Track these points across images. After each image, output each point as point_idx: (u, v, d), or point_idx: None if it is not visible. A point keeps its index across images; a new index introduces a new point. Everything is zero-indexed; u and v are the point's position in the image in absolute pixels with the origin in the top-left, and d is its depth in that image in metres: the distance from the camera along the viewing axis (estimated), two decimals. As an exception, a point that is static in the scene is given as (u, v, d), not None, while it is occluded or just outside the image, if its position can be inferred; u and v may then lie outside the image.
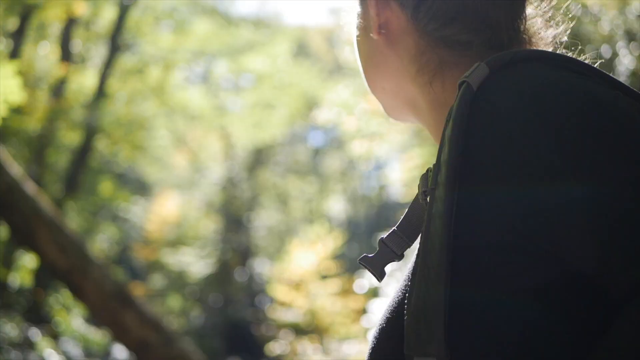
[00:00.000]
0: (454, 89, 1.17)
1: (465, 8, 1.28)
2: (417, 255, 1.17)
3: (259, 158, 31.37)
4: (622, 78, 10.54)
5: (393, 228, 1.29)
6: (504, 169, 1.06)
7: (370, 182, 33.71)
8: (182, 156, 30.13)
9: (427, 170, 1.20)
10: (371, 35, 1.38)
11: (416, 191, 1.26)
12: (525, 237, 1.08)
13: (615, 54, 10.89)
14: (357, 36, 1.44)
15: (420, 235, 1.19)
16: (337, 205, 35.30)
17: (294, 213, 34.48)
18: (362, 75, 1.47)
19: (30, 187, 8.38)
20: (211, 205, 31.04)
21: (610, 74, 1.20)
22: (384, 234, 1.30)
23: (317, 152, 35.71)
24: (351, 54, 11.71)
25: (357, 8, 1.44)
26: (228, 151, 29.94)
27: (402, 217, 1.30)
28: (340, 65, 21.05)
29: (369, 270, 1.30)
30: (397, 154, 16.34)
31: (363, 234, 31.66)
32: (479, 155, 1.09)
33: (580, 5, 12.24)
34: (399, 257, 1.30)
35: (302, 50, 30.41)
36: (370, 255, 1.29)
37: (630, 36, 10.94)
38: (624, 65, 10.64)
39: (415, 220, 1.28)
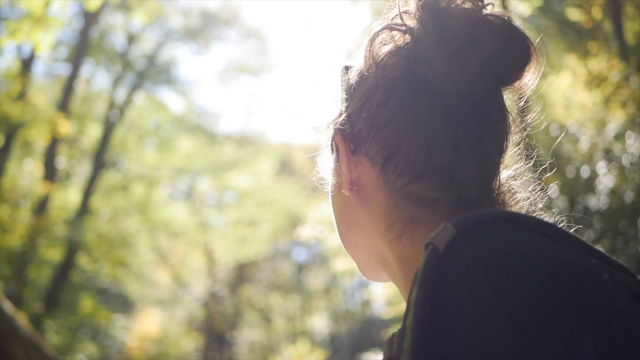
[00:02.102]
0: (423, 248, 1.12)
1: (433, 164, 1.26)
2: None
3: (241, 274, 31.19)
4: (602, 197, 10.65)
5: None
6: (465, 349, 1.00)
7: (354, 298, 33.49)
8: (165, 272, 29.88)
9: (392, 335, 1.17)
10: (343, 191, 1.37)
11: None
12: None
13: (594, 174, 11.02)
14: (331, 192, 1.43)
15: None
16: (320, 322, 34.94)
17: (277, 330, 34.07)
18: (336, 231, 1.45)
19: (8, 306, 8.27)
20: (193, 322, 30.64)
21: (586, 241, 1.15)
22: None
23: (300, 268, 35.54)
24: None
25: (330, 164, 1.43)
26: (211, 267, 29.76)
27: None
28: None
29: None
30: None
31: (346, 350, 31.26)
32: (443, 326, 1.03)
33: (559, 126, 12.46)
34: None
35: (285, 167, 30.61)
36: None
37: (609, 155, 11.09)
38: (604, 184, 10.76)
39: None
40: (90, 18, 19.16)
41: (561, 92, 13.74)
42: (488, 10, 1.29)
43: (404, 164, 1.27)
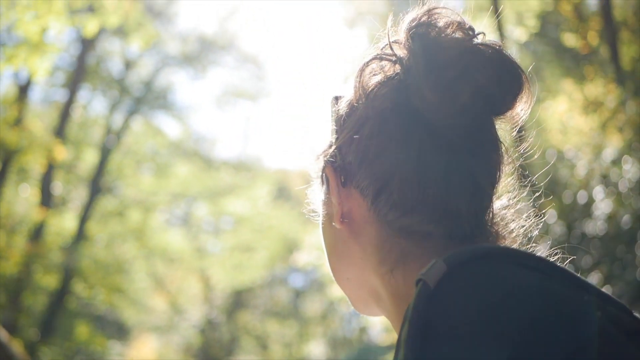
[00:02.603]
0: (415, 283, 1.11)
1: (425, 198, 1.24)
2: None
3: (238, 301, 31.10)
4: (599, 222, 10.64)
5: None
6: None
7: (351, 324, 33.39)
8: (161, 299, 29.81)
9: None
10: (334, 224, 1.34)
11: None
12: None
13: (592, 199, 11.01)
14: (322, 224, 1.40)
15: None
16: (317, 348, 34.81)
17: (274, 356, 33.93)
18: (327, 264, 1.42)
19: (3, 334, 8.23)
20: (190, 349, 30.54)
21: (579, 276, 1.14)
22: None
23: (297, 295, 35.47)
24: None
25: (321, 196, 1.41)
26: (207, 294, 29.69)
27: None
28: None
29: None
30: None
31: (344, 377, 31.14)
32: None
33: (555, 151, 12.47)
34: None
35: (282, 193, 30.62)
36: None
37: (606, 181, 11.09)
38: (601, 209, 10.75)
39: None
40: (87, 44, 19.22)
41: (558, 118, 13.77)
42: (479, 39, 1.28)
43: (396, 197, 1.26)
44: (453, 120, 1.21)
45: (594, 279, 9.78)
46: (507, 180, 1.36)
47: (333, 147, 1.34)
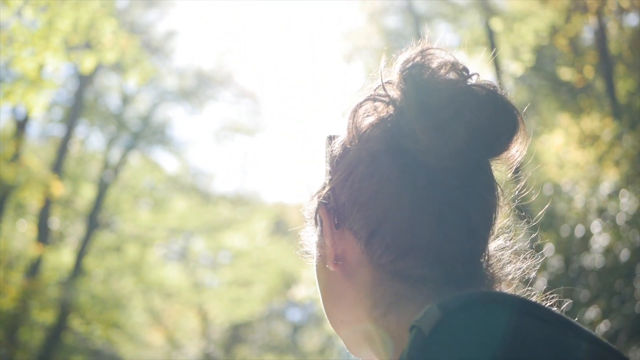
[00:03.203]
0: (409, 327, 1.10)
1: (419, 241, 1.22)
2: None
3: (236, 335, 30.96)
4: (597, 256, 10.62)
5: None
6: None
7: (349, 358, 33.19)
8: (159, 334, 29.66)
9: None
10: (328, 266, 1.33)
11: None
12: None
13: (589, 233, 11.00)
14: (316, 266, 1.39)
15: None
16: (315, 383, 34.61)
17: (273, 391, 33.74)
18: (322, 306, 1.41)
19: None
20: (187, 384, 30.35)
21: (577, 323, 1.14)
22: None
23: (295, 329, 35.31)
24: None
25: (314, 237, 1.39)
26: (205, 328, 29.54)
27: None
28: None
29: None
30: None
31: (342, 413, 30.93)
32: None
33: (552, 185, 12.48)
34: None
35: (280, 227, 30.58)
36: None
37: (603, 214, 11.09)
38: (599, 243, 10.74)
39: None
40: (85, 79, 19.29)
41: (554, 151, 13.80)
42: (473, 80, 1.27)
43: (389, 240, 1.24)
44: (447, 163, 1.20)
45: (592, 312, 9.75)
46: (503, 222, 1.34)
47: (326, 189, 1.33)
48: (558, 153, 13.60)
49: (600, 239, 10.72)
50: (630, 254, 10.04)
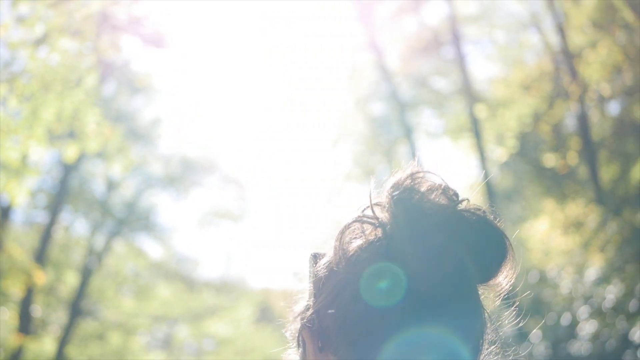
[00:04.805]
0: None
1: None
2: None
3: None
4: (584, 343, 10.56)
5: None
6: None
7: None
8: None
9: None
10: None
11: None
12: None
13: (575, 320, 10.96)
14: None
15: None
16: None
17: None
18: None
19: None
20: None
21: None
22: None
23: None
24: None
25: (297, 358, 1.37)
26: (189, 418, 29.08)
27: None
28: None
29: None
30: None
31: None
32: None
33: (538, 272, 12.48)
34: None
35: (265, 314, 30.39)
36: None
37: (589, 301, 11.07)
38: (585, 330, 10.69)
39: None
40: (69, 166, 19.32)
41: (539, 237, 13.83)
42: (463, 205, 1.26)
43: None
44: (435, 289, 1.19)
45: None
46: (489, 349, 1.32)
47: (311, 311, 1.31)
48: (543, 239, 13.64)
49: (587, 326, 10.69)
50: (617, 341, 10.01)
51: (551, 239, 13.49)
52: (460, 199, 1.27)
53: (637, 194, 13.28)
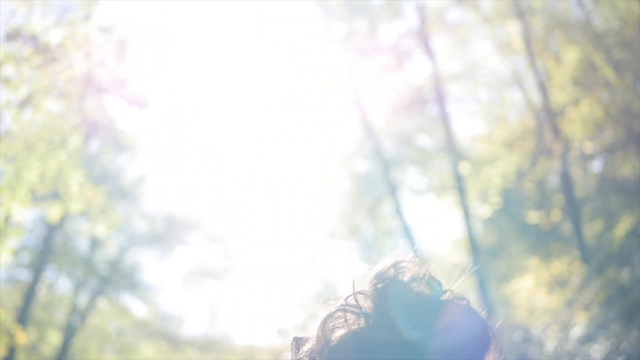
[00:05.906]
0: None
1: None
2: None
3: None
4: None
5: None
6: None
7: None
8: None
9: None
10: None
11: None
12: None
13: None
14: None
15: None
16: None
17: None
18: None
19: None
20: None
21: None
22: None
23: None
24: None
25: None
26: None
27: None
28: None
29: None
30: None
31: None
32: None
33: (523, 330, 12.44)
34: None
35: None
36: None
37: (574, 359, 11.03)
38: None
39: None
40: (53, 225, 19.23)
41: (524, 295, 13.82)
42: (447, 296, 1.27)
43: None
44: None
45: None
46: None
47: None
48: (528, 297, 13.62)
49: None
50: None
51: (536, 297, 13.48)
52: (443, 289, 1.27)
53: (621, 252, 13.31)
